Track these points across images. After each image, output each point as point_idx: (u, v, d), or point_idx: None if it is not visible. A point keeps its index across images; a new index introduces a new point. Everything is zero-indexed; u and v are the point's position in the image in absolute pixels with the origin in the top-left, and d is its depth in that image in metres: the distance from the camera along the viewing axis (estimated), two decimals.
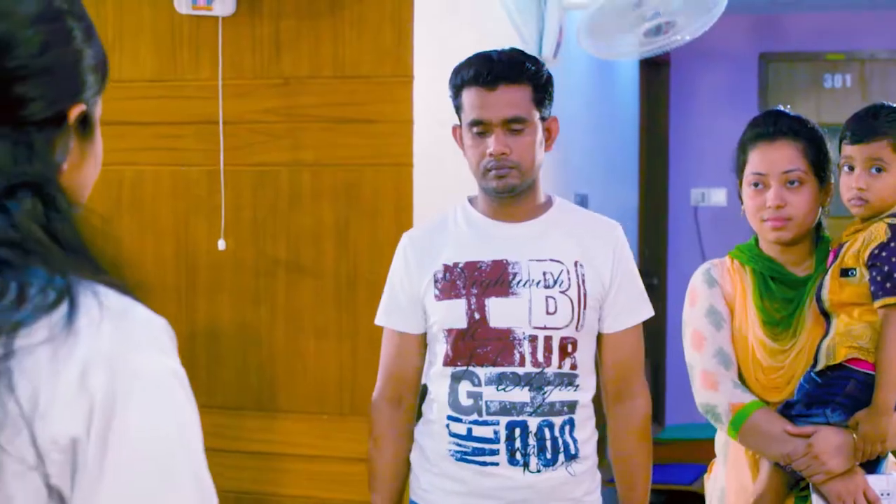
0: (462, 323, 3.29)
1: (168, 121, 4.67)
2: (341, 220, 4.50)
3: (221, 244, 4.54)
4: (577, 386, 3.31)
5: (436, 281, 3.34)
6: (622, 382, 3.43)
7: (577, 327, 3.29)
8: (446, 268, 3.34)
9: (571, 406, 3.30)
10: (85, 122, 1.55)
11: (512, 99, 3.25)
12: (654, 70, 9.22)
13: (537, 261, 3.30)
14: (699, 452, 5.50)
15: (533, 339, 3.26)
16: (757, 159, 3.37)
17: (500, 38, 5.12)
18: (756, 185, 3.36)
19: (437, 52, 4.55)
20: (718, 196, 9.17)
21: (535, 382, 3.26)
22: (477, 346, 3.28)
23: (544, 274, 3.29)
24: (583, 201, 6.77)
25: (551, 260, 3.31)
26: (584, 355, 3.33)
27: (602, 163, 7.71)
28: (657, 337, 8.81)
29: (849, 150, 3.30)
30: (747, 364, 3.36)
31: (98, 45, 1.59)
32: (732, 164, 3.46)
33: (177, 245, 4.69)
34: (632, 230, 8.47)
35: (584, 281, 3.30)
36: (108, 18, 4.71)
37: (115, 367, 1.40)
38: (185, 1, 4.42)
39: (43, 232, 1.42)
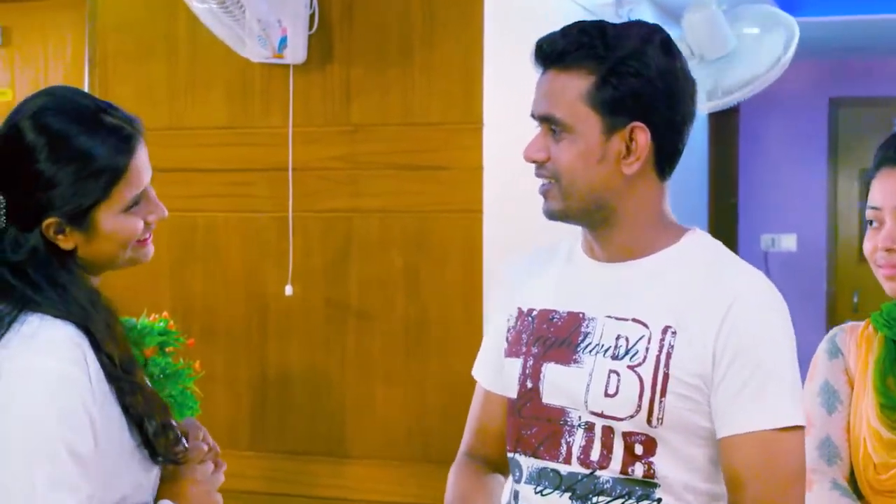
0: (513, 391, 2.39)
1: (239, 168, 4.71)
2: (410, 267, 4.50)
3: (288, 290, 4.56)
4: (659, 502, 2.26)
5: (508, 329, 2.47)
6: None
7: (649, 420, 2.23)
8: (520, 313, 2.44)
9: None
10: (76, 222, 2.15)
11: (553, 89, 2.29)
12: (724, 117, 9.18)
13: (616, 319, 2.30)
14: None
15: (589, 427, 2.28)
16: (876, 189, 2.56)
17: None
18: (871, 222, 2.57)
19: (507, 98, 4.56)
20: (789, 241, 9.10)
21: (580, 489, 2.27)
22: (523, 426, 2.37)
23: (617, 338, 2.28)
24: None
25: (633, 320, 2.28)
26: (672, 463, 2.26)
27: (671, 209, 7.67)
28: None
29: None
30: (857, 459, 2.54)
31: (73, 173, 2.13)
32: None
33: (247, 290, 4.71)
34: None
35: (669, 355, 2.23)
36: (180, 66, 4.76)
37: (2, 363, 2.04)
38: (257, 49, 4.46)
39: (14, 280, 2.13)
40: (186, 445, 2.29)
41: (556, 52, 2.28)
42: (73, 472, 2.01)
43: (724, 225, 9.23)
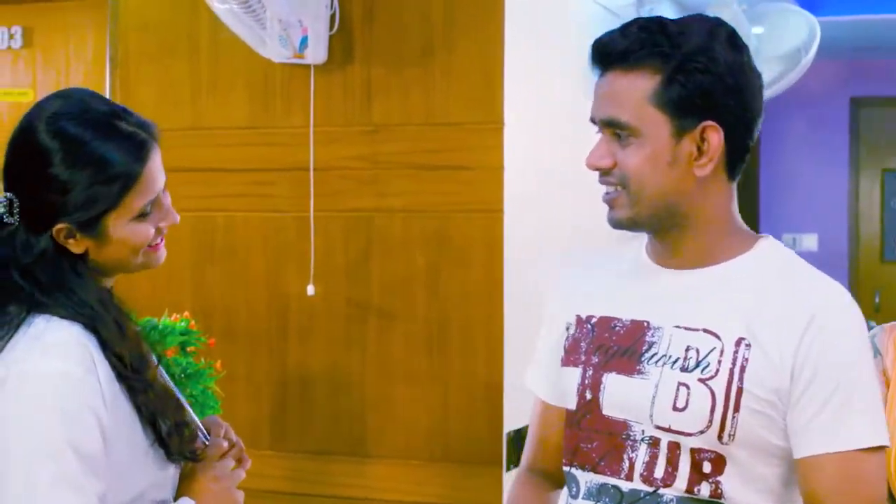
0: (572, 402, 2.28)
1: (260, 167, 4.71)
2: (432, 267, 4.50)
3: (310, 289, 4.57)
4: None
5: (567, 337, 2.35)
6: None
7: (720, 437, 2.10)
8: (578, 321, 2.32)
9: None
10: (86, 228, 2.15)
11: (616, 91, 2.17)
12: None
13: (685, 329, 2.17)
14: None
15: (654, 442, 2.15)
16: None
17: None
18: None
19: (528, 98, 4.55)
20: (810, 241, 9.08)
21: None
22: (581, 439, 2.25)
23: (687, 350, 2.15)
24: None
25: (704, 331, 2.15)
26: (741, 483, 2.13)
27: None
28: None
29: None
30: (889, 461, 2.49)
31: (88, 178, 2.13)
32: None
33: (268, 290, 4.72)
34: None
35: (743, 369, 2.11)
36: (202, 66, 4.76)
37: (10, 366, 2.06)
38: (278, 49, 4.46)
39: (23, 281, 2.13)
40: (207, 442, 2.30)
41: (617, 51, 2.16)
42: (78, 471, 2.01)
43: (745, 224, 9.21)
